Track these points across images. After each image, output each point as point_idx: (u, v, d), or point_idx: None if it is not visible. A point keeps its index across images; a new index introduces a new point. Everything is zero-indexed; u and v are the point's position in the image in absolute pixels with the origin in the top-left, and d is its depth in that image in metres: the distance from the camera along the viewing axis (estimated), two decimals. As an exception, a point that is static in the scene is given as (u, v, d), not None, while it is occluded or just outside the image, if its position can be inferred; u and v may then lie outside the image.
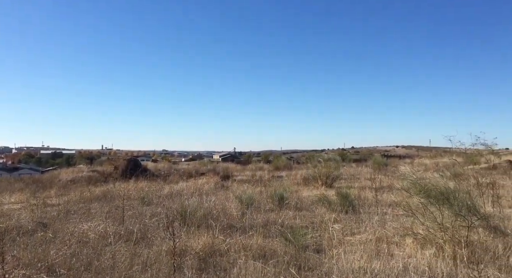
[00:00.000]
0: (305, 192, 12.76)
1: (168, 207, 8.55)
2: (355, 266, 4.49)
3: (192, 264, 4.86)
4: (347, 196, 9.57)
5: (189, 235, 6.23)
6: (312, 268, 4.70)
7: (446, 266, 4.44)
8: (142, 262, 4.90)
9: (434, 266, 4.44)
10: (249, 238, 6.06)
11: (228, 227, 7.10)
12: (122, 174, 19.06)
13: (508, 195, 10.34)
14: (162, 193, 12.52)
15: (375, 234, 6.20)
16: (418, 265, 4.51)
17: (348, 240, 6.15)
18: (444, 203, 5.72)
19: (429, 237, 5.65)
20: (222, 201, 10.17)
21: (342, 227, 7.06)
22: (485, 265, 4.48)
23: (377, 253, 5.20)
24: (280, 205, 9.73)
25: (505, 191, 11.09)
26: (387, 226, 6.77)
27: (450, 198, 5.74)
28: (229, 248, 5.57)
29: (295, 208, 9.62)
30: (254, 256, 5.16)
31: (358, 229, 6.91)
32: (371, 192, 11.40)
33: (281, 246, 5.65)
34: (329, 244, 5.87)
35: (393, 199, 10.07)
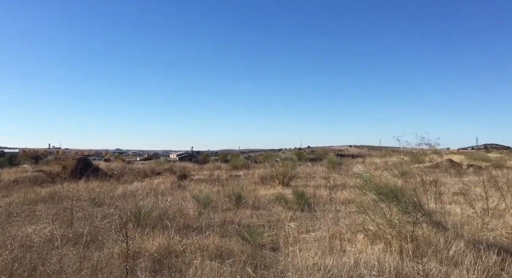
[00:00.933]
0: (263, 191, 12.88)
1: (122, 208, 8.23)
2: (310, 263, 4.60)
3: (146, 266, 4.72)
4: (303, 194, 9.80)
5: (144, 236, 6.04)
6: (268, 266, 4.75)
7: (394, 260, 4.68)
8: (92, 265, 4.68)
9: (382, 260, 4.67)
10: (205, 238, 6.00)
11: (184, 227, 6.99)
12: (71, 174, 18.06)
13: (449, 192, 11.13)
14: (115, 193, 12.03)
15: (329, 231, 6.41)
16: (368, 260, 4.72)
17: (304, 237, 6.30)
18: (393, 200, 6.02)
19: (379, 233, 5.92)
20: (178, 201, 9.99)
21: (298, 225, 7.22)
22: (428, 258, 4.78)
23: (330, 250, 5.37)
24: (237, 204, 9.74)
25: (446, 188, 11.92)
26: (340, 223, 7.03)
27: (399, 196, 6.06)
28: (185, 248, 5.48)
29: (252, 207, 9.68)
30: (210, 256, 5.12)
31: (313, 227, 7.10)
32: (326, 191, 11.76)
33: (238, 245, 5.66)
34: (285, 242, 5.97)
35: (346, 197, 10.48)
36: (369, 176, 7.02)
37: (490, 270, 4.39)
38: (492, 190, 9.36)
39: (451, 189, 11.76)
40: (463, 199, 9.39)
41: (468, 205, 8.32)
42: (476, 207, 8.09)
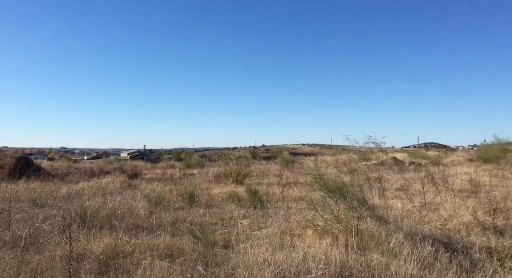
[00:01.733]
0: (216, 189, 12.85)
1: (66, 209, 7.81)
2: (260, 259, 4.69)
3: (91, 268, 4.53)
4: (256, 192, 9.93)
5: (89, 237, 5.79)
6: (219, 264, 4.77)
7: (339, 253, 4.91)
8: (31, 269, 4.40)
9: (329, 254, 4.88)
10: (156, 237, 5.88)
11: (134, 227, 6.80)
12: (10, 174, 16.77)
13: (392, 188, 11.83)
14: (58, 194, 11.37)
15: (280, 228, 6.56)
16: (316, 254, 4.90)
17: (255, 234, 6.39)
18: (340, 197, 6.31)
19: (327, 228, 6.17)
20: (128, 200, 9.67)
21: (250, 222, 7.31)
22: (371, 251, 5.07)
23: (281, 246, 5.50)
24: (190, 202, 9.64)
25: (389, 184, 12.67)
26: (291, 219, 7.22)
27: (345, 192, 6.36)
28: (134, 249, 5.34)
29: (205, 206, 9.63)
30: (160, 255, 5.04)
31: (265, 224, 7.23)
32: (278, 188, 12.01)
33: (190, 244, 5.61)
34: (237, 239, 6.02)
35: (298, 194, 10.77)
36: (319, 173, 7.26)
37: (425, 260, 4.76)
38: (430, 185, 10.13)
39: (394, 185, 12.51)
40: (404, 194, 10.06)
41: (408, 200, 8.92)
42: (415, 201, 8.69)
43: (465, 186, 11.40)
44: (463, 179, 12.75)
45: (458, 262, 4.72)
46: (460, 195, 9.52)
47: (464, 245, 5.40)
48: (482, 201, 7.95)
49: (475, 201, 7.82)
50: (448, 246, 5.38)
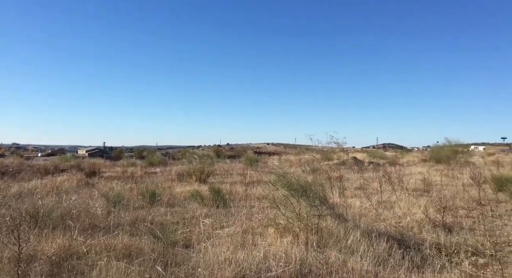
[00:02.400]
0: (179, 188, 12.64)
1: (16, 208, 7.35)
2: (221, 258, 4.67)
3: (41, 270, 4.30)
4: (219, 191, 9.87)
5: (41, 238, 5.49)
6: (179, 263, 4.70)
7: (300, 251, 5.00)
8: (-25, 274, 4.11)
9: (290, 251, 4.95)
10: (113, 237, 5.69)
11: (90, 227, 6.53)
12: (-47, 170, 15.53)
13: (351, 187, 12.23)
14: (8, 192, 10.68)
15: (242, 227, 6.58)
16: (276, 252, 4.96)
17: (217, 233, 6.37)
18: (303, 195, 6.42)
19: (288, 226, 6.26)
20: (85, 199, 9.27)
21: (213, 221, 7.27)
22: (330, 248, 5.21)
23: (242, 244, 5.52)
24: (151, 201, 9.42)
25: (349, 183, 13.08)
26: (253, 218, 7.26)
27: (307, 191, 6.49)
28: (90, 249, 5.13)
29: (167, 204, 9.45)
30: (118, 256, 4.87)
31: (228, 222, 7.21)
32: (242, 187, 12.02)
33: (149, 243, 5.48)
34: (198, 239, 5.96)
35: (261, 193, 10.84)
36: (282, 172, 7.35)
37: (380, 256, 4.96)
38: (386, 185, 10.57)
39: (353, 184, 12.93)
40: (362, 193, 10.43)
41: (366, 199, 9.25)
42: (372, 200, 9.03)
43: (418, 185, 12.01)
44: (417, 178, 13.43)
45: (410, 258, 4.97)
46: (414, 194, 10.02)
47: (416, 241, 5.69)
48: (434, 200, 8.41)
49: (426, 200, 8.26)
50: (401, 243, 5.64)
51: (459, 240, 5.78)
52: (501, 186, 9.92)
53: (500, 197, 9.61)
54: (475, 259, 5.04)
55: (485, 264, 4.85)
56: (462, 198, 9.53)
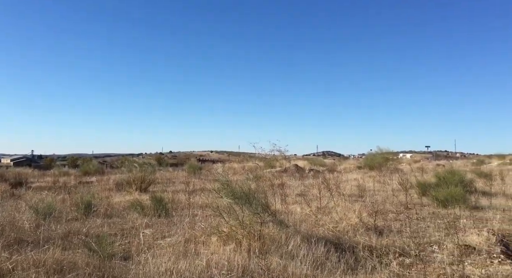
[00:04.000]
0: (117, 198, 12.08)
1: None
2: (162, 269, 4.57)
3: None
4: (161, 200, 9.62)
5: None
6: (116, 276, 4.51)
7: (242, 259, 5.06)
8: None
9: (232, 259, 4.99)
10: (43, 252, 5.28)
11: (16, 242, 5.99)
12: None
13: (293, 194, 12.61)
14: None
15: (184, 236, 6.48)
16: (219, 260, 4.97)
17: (159, 243, 6.21)
18: (246, 203, 6.51)
19: (231, 234, 6.29)
20: (10, 212, 8.47)
21: (154, 232, 7.07)
22: (271, 254, 5.34)
23: (184, 254, 5.44)
24: (86, 213, 8.89)
25: (291, 190, 13.49)
26: (196, 227, 7.18)
27: (250, 198, 6.59)
28: (16, 266, 4.71)
29: (104, 215, 8.99)
30: (48, 272, 4.54)
31: (169, 232, 7.06)
32: (184, 195, 11.82)
33: (84, 257, 5.18)
34: (138, 250, 5.77)
35: (204, 201, 10.76)
36: (226, 180, 7.40)
37: (318, 260, 5.20)
38: (325, 191, 11.08)
39: (295, 191, 13.35)
40: (303, 199, 10.82)
41: (306, 205, 9.61)
42: (312, 206, 9.40)
43: (354, 191, 12.76)
44: (352, 184, 14.27)
45: (345, 261, 5.27)
46: (350, 199, 10.62)
47: (351, 244, 6.05)
48: (367, 205, 9.00)
49: (360, 205, 8.81)
50: (338, 246, 5.96)
51: (389, 242, 6.25)
52: (424, 191, 10.91)
53: (424, 201, 10.55)
54: (402, 259, 5.48)
55: (410, 264, 5.30)
56: (392, 203, 10.32)
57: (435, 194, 9.88)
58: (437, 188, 10.33)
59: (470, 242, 5.99)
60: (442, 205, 9.54)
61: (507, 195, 11.57)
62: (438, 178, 12.06)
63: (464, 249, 5.66)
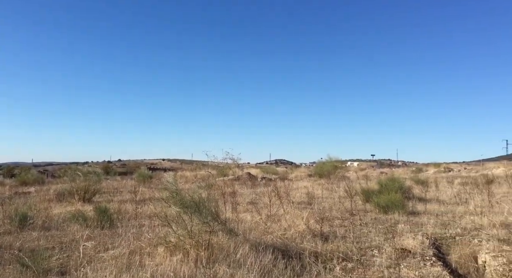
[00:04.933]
0: (58, 209, 11.35)
1: None
2: (103, 283, 4.37)
3: None
4: (105, 210, 9.19)
5: None
6: (52, 293, 4.23)
7: (189, 269, 4.98)
8: None
9: (178, 270, 4.90)
10: (-33, 271, 4.83)
11: None
12: None
13: (244, 202, 12.66)
14: None
15: (129, 247, 6.24)
16: (165, 271, 4.85)
17: (100, 256, 5.91)
18: (195, 212, 6.43)
19: (179, 244, 6.17)
20: None
21: (96, 244, 6.72)
22: (219, 263, 5.31)
23: (128, 266, 5.23)
24: (21, 225, 8.25)
25: (242, 198, 13.54)
26: (142, 237, 6.95)
27: (200, 207, 6.52)
28: None
29: (42, 228, 8.40)
30: (-28, 292, 4.15)
31: (113, 244, 6.75)
32: (132, 205, 11.39)
33: (15, 273, 4.80)
34: (77, 264, 5.45)
35: (152, 210, 10.44)
36: (175, 189, 7.25)
37: (266, 267, 5.26)
38: (275, 199, 11.26)
39: (246, 199, 13.42)
40: (254, 207, 10.90)
41: (256, 213, 9.70)
42: (262, 214, 9.51)
43: (303, 198, 13.09)
44: (302, 192, 14.64)
45: (292, 267, 5.37)
46: (299, 207, 10.88)
47: (298, 251, 6.18)
48: (315, 212, 9.28)
49: (308, 212, 9.06)
50: (285, 253, 6.07)
51: (333, 247, 6.48)
52: (368, 198, 11.48)
53: (367, 207, 11.09)
54: (345, 264, 5.71)
55: (352, 268, 5.53)
56: (338, 209, 10.73)
57: (377, 201, 10.43)
58: (379, 195, 10.91)
59: (406, 246, 6.39)
60: (383, 210, 10.08)
61: (440, 200, 12.52)
62: (380, 185, 12.76)
63: (400, 253, 6.03)
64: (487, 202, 11.23)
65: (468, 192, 13.12)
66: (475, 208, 10.18)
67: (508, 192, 15.21)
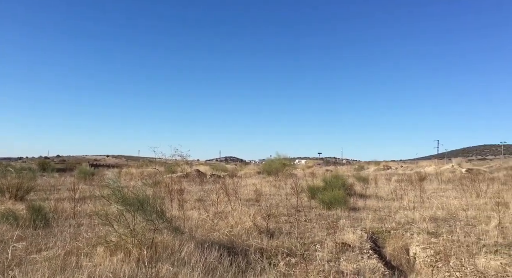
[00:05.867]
0: (-16, 208, 10.32)
1: None
2: (33, 287, 4.06)
3: None
4: (40, 209, 8.54)
5: None
6: (-27, 300, 3.85)
7: (130, 269, 4.80)
8: None
9: (119, 270, 4.70)
10: None
11: None
12: None
13: (192, 199, 12.49)
14: None
15: (65, 248, 5.87)
16: (103, 272, 4.63)
17: (32, 258, 5.49)
18: (139, 210, 6.21)
19: (121, 244, 5.93)
20: None
21: (28, 245, 6.22)
22: (163, 262, 5.18)
23: (63, 268, 4.92)
24: None
25: (190, 195, 13.35)
26: (80, 237, 6.57)
27: (145, 205, 6.31)
28: None
29: (-38, 230, 7.59)
30: None
31: (47, 245, 6.31)
32: (71, 203, 10.73)
33: None
34: (5, 267, 5.01)
35: (92, 209, 9.90)
36: (118, 185, 6.94)
37: (211, 265, 5.24)
38: (224, 196, 11.24)
39: (194, 196, 13.24)
40: (201, 204, 10.79)
41: (204, 210, 9.61)
42: (210, 211, 9.45)
43: (251, 195, 13.20)
44: (250, 189, 14.76)
45: (237, 264, 5.41)
46: (246, 204, 10.97)
47: (243, 248, 6.23)
48: (262, 208, 9.40)
49: (256, 209, 9.17)
50: (231, 250, 6.09)
51: (278, 243, 6.63)
52: (313, 194, 11.87)
53: (313, 204, 11.47)
54: (288, 259, 5.86)
55: (296, 263, 5.70)
56: (285, 206, 10.97)
57: (321, 197, 10.82)
58: (324, 192, 11.33)
59: (346, 240, 6.72)
60: (327, 207, 10.49)
61: (379, 197, 13.32)
62: (325, 183, 13.27)
63: (341, 247, 6.32)
64: (419, 198, 12.15)
65: (403, 189, 14.07)
66: (408, 204, 10.97)
67: (437, 188, 16.60)
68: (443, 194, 13.78)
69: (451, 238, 6.80)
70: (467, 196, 12.66)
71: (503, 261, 5.32)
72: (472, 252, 5.88)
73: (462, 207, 10.23)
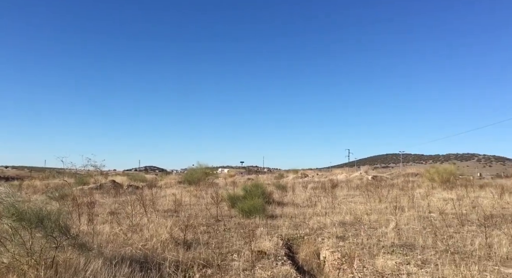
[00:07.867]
0: None
1: None
2: None
3: None
4: None
5: None
6: None
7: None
8: None
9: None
10: None
11: None
12: None
13: (104, 212, 11.63)
14: None
15: None
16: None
17: None
18: (38, 226, 5.58)
19: (14, 264, 5.27)
20: None
21: None
22: (64, 283, 4.71)
23: None
24: None
25: (103, 208, 12.44)
26: (-38, 261, 5.65)
27: (45, 220, 5.69)
28: None
29: None
30: None
31: None
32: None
33: None
34: None
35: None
36: (13, 200, 6.15)
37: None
38: (140, 207, 10.68)
39: (107, 209, 12.37)
40: (115, 218, 10.11)
41: (117, 223, 9.02)
42: (123, 224, 8.89)
43: (170, 206, 12.79)
44: (169, 199, 14.29)
45: (150, 279, 5.16)
46: (165, 215, 10.58)
47: (158, 262, 5.96)
48: (181, 219, 9.16)
49: (174, 220, 8.90)
50: (144, 265, 5.79)
51: (195, 254, 6.49)
52: (233, 203, 11.94)
53: (232, 213, 11.53)
54: (205, 270, 5.77)
55: (212, 274, 5.63)
56: (204, 216, 10.83)
57: (241, 206, 10.94)
58: (244, 200, 11.47)
59: (263, 248, 6.86)
60: (247, 215, 10.63)
61: (296, 204, 13.93)
62: (245, 191, 13.45)
63: (257, 255, 6.43)
64: (331, 204, 13.00)
65: (317, 196, 14.94)
66: (321, 210, 11.66)
67: (347, 194, 17.97)
68: (351, 200, 14.95)
69: (356, 241, 7.37)
70: (371, 201, 13.91)
71: (397, 260, 5.92)
72: (373, 253, 6.44)
73: (366, 212, 11.20)
